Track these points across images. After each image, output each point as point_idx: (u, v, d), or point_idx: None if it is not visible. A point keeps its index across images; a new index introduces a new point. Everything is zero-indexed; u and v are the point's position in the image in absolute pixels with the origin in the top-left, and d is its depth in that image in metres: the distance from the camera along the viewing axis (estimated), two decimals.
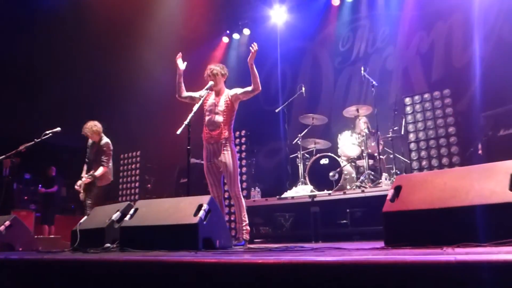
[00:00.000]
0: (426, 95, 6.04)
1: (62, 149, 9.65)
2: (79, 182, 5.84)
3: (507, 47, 7.14)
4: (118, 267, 2.31)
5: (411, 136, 6.04)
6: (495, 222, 2.37)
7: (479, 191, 2.48)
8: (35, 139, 5.68)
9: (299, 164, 7.20)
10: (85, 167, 6.09)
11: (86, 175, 5.79)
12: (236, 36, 10.88)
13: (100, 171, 5.87)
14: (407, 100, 6.17)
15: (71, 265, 2.51)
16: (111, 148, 6.11)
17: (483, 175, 2.55)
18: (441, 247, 2.20)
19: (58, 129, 5.96)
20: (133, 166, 9.23)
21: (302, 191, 6.50)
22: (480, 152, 5.83)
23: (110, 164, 6.11)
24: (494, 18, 7.52)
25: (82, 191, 5.79)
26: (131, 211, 3.67)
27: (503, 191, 2.39)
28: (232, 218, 7.05)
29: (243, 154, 7.31)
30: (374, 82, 6.76)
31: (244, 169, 7.23)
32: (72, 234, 4.08)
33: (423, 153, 5.89)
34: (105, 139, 6.12)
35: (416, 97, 6.12)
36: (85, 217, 4.36)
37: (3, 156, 5.63)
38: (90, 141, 6.12)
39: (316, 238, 6.07)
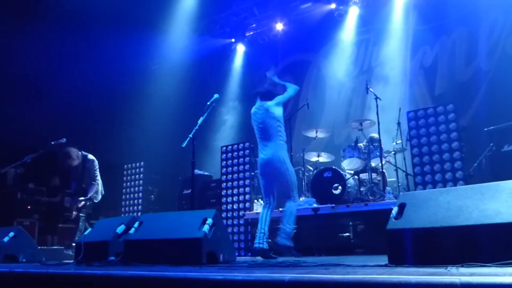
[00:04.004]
0: (429, 110, 6.05)
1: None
2: (68, 203, 6.03)
3: (510, 61, 7.16)
4: (123, 283, 2.32)
5: (414, 151, 6.04)
6: (499, 242, 2.37)
7: (484, 210, 2.49)
8: (40, 150, 5.74)
9: (303, 177, 7.20)
10: (72, 186, 6.30)
11: (87, 198, 5.95)
12: (240, 47, 10.97)
13: (93, 189, 6.12)
14: (411, 115, 6.18)
15: (76, 280, 2.52)
16: (97, 163, 6.30)
17: (488, 195, 2.56)
18: (445, 267, 2.21)
19: (63, 139, 6.03)
20: (137, 176, 9.25)
21: (305, 203, 6.50)
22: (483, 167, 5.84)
23: (99, 177, 6.34)
24: (498, 32, 7.56)
25: (75, 212, 5.96)
26: (136, 225, 3.68)
27: (508, 211, 2.40)
28: (234, 230, 7.05)
29: (246, 166, 7.32)
30: (377, 96, 6.80)
31: (247, 181, 7.24)
32: (76, 246, 4.09)
33: (426, 168, 5.88)
34: (90, 156, 6.29)
35: (420, 112, 6.13)
36: (89, 229, 4.38)
37: (9, 167, 5.68)
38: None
39: (319, 251, 6.06)
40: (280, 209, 6.38)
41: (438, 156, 5.82)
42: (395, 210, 2.81)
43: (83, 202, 5.92)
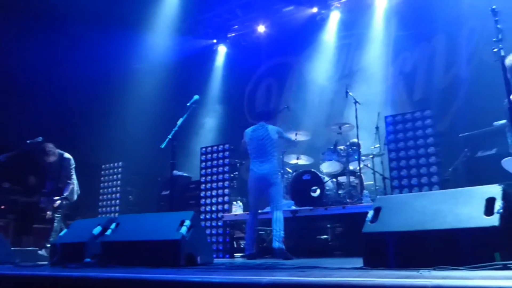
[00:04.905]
0: (407, 115, 6.16)
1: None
2: (43, 203, 5.95)
3: (488, 69, 7.30)
4: (100, 285, 2.30)
5: (392, 155, 6.14)
6: (470, 246, 2.44)
7: (457, 215, 2.56)
8: (16, 149, 5.64)
9: (282, 180, 7.23)
10: (48, 186, 6.19)
11: (63, 197, 5.87)
12: (222, 48, 10.98)
13: (69, 189, 6.05)
14: (389, 119, 6.28)
15: (51, 282, 2.48)
16: (73, 162, 6.24)
17: (461, 200, 2.63)
18: (418, 270, 2.26)
19: (40, 138, 5.94)
20: (115, 177, 9.13)
21: (284, 206, 6.52)
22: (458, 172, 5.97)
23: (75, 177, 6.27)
24: (476, 40, 7.72)
25: (50, 212, 5.88)
26: (113, 226, 3.65)
27: (480, 215, 2.47)
28: (213, 232, 7.04)
29: (226, 168, 7.32)
30: (357, 101, 6.88)
31: (226, 183, 7.24)
32: (51, 248, 4.02)
33: (403, 172, 5.98)
34: (66, 155, 6.21)
35: (398, 117, 6.24)
36: (65, 229, 4.32)
37: None
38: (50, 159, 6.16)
39: (297, 254, 6.09)
40: (259, 211, 6.44)
41: (414, 160, 5.93)
42: (370, 213, 2.86)
43: (58, 202, 5.83)
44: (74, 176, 6.19)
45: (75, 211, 6.71)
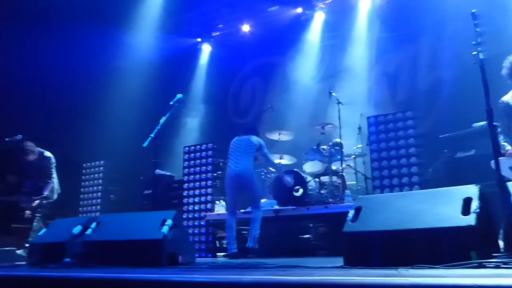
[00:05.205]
0: (389, 116, 6.24)
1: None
2: (23, 203, 5.86)
3: (468, 72, 7.40)
4: (80, 285, 2.27)
5: (374, 155, 6.21)
6: (448, 244, 2.49)
7: (436, 215, 2.61)
8: None
9: (264, 179, 7.25)
10: (28, 185, 6.08)
11: (42, 196, 5.77)
12: (206, 47, 10.95)
13: (49, 188, 5.96)
14: (371, 120, 6.35)
15: (29, 282, 2.45)
16: (54, 160, 6.14)
17: (440, 200, 2.69)
18: (396, 268, 2.30)
19: (19, 136, 5.84)
20: (96, 175, 9.02)
21: (266, 205, 6.54)
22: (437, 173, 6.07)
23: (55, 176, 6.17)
24: (458, 43, 7.81)
25: (29, 211, 5.78)
26: (93, 225, 3.61)
27: (458, 215, 2.53)
28: (195, 232, 7.02)
29: (209, 167, 7.31)
30: (340, 101, 6.94)
31: (209, 182, 7.23)
32: (29, 248, 3.96)
33: (384, 172, 6.06)
34: (46, 153, 6.11)
35: (380, 118, 6.31)
36: (44, 229, 4.26)
37: None
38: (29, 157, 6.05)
39: (280, 253, 6.12)
40: (242, 210, 6.45)
41: (396, 161, 6.00)
42: (351, 213, 2.90)
43: (37, 202, 5.73)
44: (54, 175, 6.08)
45: (55, 211, 6.61)
